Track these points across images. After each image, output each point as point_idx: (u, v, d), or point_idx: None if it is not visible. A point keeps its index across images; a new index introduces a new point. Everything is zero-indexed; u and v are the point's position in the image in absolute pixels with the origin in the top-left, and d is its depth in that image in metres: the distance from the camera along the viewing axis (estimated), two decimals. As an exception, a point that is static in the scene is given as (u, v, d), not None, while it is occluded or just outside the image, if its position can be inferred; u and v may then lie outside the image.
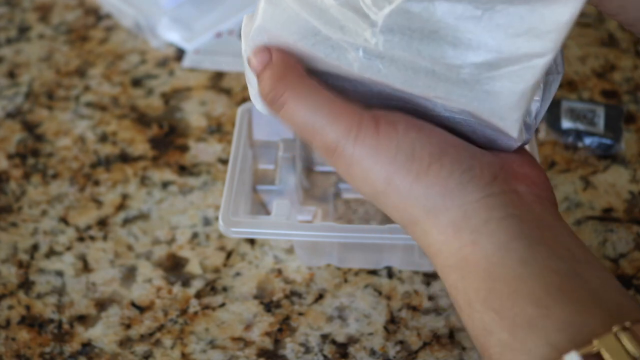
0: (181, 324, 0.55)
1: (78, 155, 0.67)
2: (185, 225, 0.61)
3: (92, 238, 0.61)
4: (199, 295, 0.57)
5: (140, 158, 0.66)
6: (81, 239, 0.61)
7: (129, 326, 0.55)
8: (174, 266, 0.59)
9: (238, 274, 0.58)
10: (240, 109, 0.60)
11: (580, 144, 0.65)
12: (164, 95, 0.72)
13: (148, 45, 0.77)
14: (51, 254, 0.60)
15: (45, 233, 0.61)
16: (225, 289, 0.57)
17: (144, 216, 0.62)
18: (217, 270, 0.58)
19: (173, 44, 0.77)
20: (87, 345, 0.54)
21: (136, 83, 0.73)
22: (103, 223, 0.62)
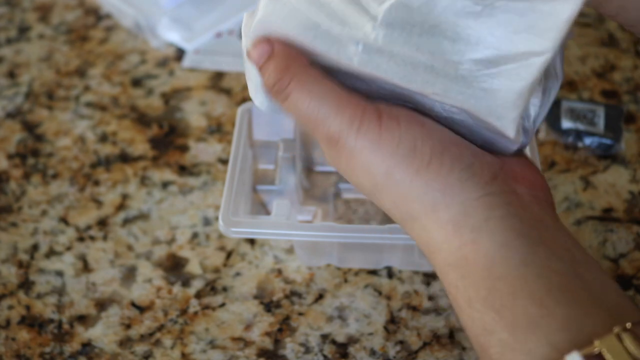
0: (181, 324, 0.55)
1: (78, 155, 0.67)
2: (185, 225, 0.61)
3: (92, 238, 0.61)
4: (199, 295, 0.57)
5: (140, 158, 0.66)
6: (81, 239, 0.61)
7: (129, 326, 0.55)
8: (174, 266, 0.59)
9: (238, 274, 0.58)
10: (240, 109, 0.60)
11: (580, 144, 0.65)
12: (164, 95, 0.72)
13: (148, 45, 0.77)
14: (51, 254, 0.60)
15: (45, 233, 0.61)
16: (225, 289, 0.57)
17: (144, 216, 0.62)
18: (217, 270, 0.58)
19: (173, 44, 0.77)
20: (87, 345, 0.54)
21: (136, 83, 0.73)
22: (103, 223, 0.62)
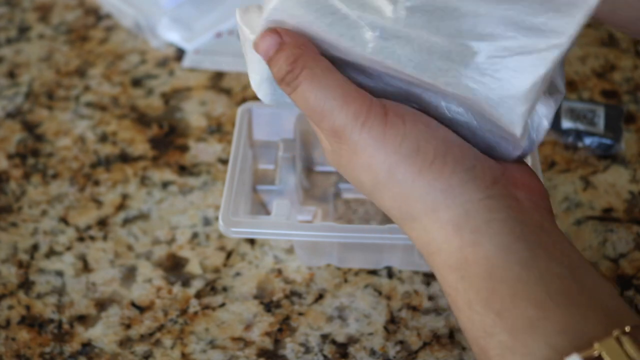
0: (181, 324, 0.55)
1: (78, 155, 0.67)
2: (185, 225, 0.61)
3: (92, 238, 0.61)
4: (199, 295, 0.57)
5: (140, 158, 0.66)
6: (81, 239, 0.61)
7: (129, 326, 0.55)
8: (174, 266, 0.59)
9: (238, 274, 0.58)
10: (240, 109, 0.60)
11: (580, 144, 0.65)
12: (164, 95, 0.72)
13: (148, 45, 0.77)
14: (51, 254, 0.60)
15: (45, 233, 0.61)
16: (225, 289, 0.57)
17: (144, 216, 0.62)
18: (217, 270, 0.58)
19: (173, 44, 0.77)
20: (87, 345, 0.54)
21: (136, 83, 0.73)
22: (103, 223, 0.62)
